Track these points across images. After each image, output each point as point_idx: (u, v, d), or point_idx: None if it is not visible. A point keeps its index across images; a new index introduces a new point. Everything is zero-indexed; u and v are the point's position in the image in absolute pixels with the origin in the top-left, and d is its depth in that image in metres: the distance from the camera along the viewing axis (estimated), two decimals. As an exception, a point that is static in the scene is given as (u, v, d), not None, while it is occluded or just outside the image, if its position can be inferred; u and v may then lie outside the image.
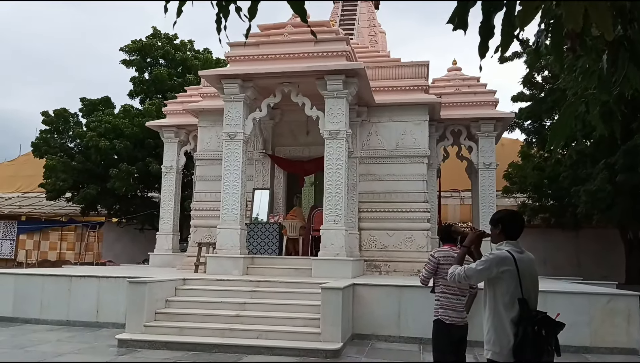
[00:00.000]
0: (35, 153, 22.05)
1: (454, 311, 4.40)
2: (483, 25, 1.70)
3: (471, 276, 3.42)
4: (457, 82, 14.26)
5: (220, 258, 10.48)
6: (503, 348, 3.22)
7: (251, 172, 12.55)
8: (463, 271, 3.45)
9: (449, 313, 4.39)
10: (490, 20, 1.68)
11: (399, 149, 12.11)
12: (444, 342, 4.41)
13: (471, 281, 3.57)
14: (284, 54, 11.05)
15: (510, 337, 3.19)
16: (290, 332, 7.80)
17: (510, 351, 3.18)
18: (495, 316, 3.29)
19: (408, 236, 11.64)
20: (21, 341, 8.13)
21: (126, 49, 22.61)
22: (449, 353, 4.40)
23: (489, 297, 3.38)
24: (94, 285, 9.74)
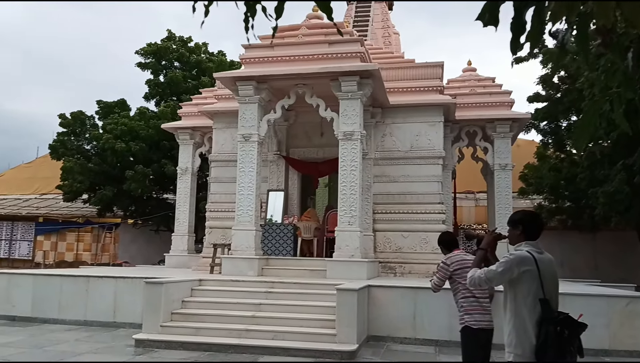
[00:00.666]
0: (53, 155, 22.36)
1: (480, 314, 4.29)
2: (515, 21, 1.69)
3: (492, 279, 3.37)
4: (472, 83, 14.18)
5: (235, 259, 10.52)
6: (525, 350, 3.18)
7: (266, 173, 12.59)
8: (484, 274, 3.39)
9: (475, 317, 4.27)
10: (521, 17, 1.67)
11: (414, 150, 12.07)
12: (475, 349, 4.29)
13: (493, 284, 3.50)
14: (298, 56, 11.08)
15: (532, 338, 3.15)
16: (305, 333, 7.81)
17: (532, 352, 3.14)
18: (517, 318, 3.25)
19: (423, 238, 11.60)
20: (40, 341, 8.23)
21: (142, 52, 22.85)
22: (481, 360, 4.29)
23: (509, 299, 3.33)
24: (111, 286, 9.84)
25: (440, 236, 4.90)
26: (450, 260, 4.51)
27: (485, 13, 1.72)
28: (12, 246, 24.05)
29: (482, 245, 3.74)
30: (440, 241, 4.83)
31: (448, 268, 4.46)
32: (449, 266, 4.46)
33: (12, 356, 7.08)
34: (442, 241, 4.81)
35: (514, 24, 1.70)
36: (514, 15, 1.71)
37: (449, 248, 4.71)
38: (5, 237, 24.20)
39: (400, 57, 13.78)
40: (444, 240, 4.82)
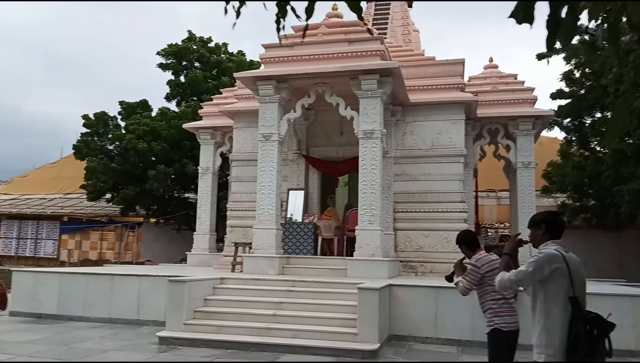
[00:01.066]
0: (77, 155, 22.77)
1: (510, 315, 4.21)
2: (550, 19, 1.68)
3: (523, 279, 3.33)
4: (494, 80, 14.00)
5: (256, 258, 10.58)
6: (556, 350, 3.14)
7: (286, 172, 12.62)
8: (514, 275, 3.36)
9: (505, 320, 4.19)
10: (557, 14, 1.66)
11: (435, 148, 11.98)
12: (504, 351, 4.21)
13: (523, 285, 3.45)
14: (318, 55, 11.08)
15: (563, 337, 3.12)
16: (326, 332, 7.82)
17: (563, 352, 3.10)
18: (547, 318, 3.22)
19: (444, 237, 11.51)
20: (65, 338, 8.39)
21: (163, 52, 23.11)
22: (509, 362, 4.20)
23: (539, 299, 3.29)
24: (135, 284, 9.98)
25: (461, 235, 4.66)
26: (480, 262, 4.34)
27: (519, 11, 1.70)
28: (37, 245, 24.58)
29: (505, 250, 3.71)
30: (461, 241, 4.58)
31: (479, 271, 4.28)
32: (479, 268, 4.29)
33: (39, 353, 7.23)
34: (464, 241, 4.58)
35: (549, 22, 1.69)
36: (549, 13, 1.70)
37: (471, 248, 4.53)
38: (30, 236, 24.74)
39: (421, 55, 13.68)
40: (466, 239, 4.60)
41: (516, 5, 1.72)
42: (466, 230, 5.05)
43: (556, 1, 1.67)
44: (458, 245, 4.62)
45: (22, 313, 10.19)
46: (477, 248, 4.53)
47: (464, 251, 4.57)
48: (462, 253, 4.60)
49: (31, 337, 8.36)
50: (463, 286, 4.35)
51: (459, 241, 4.61)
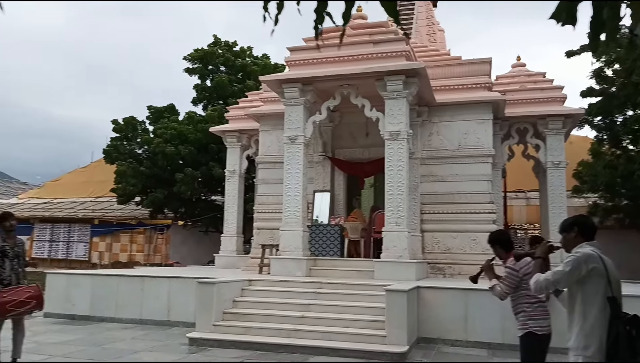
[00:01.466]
0: (107, 159, 23.24)
1: (544, 319, 4.16)
2: (594, 19, 1.66)
3: (560, 280, 3.28)
4: (522, 79, 13.79)
5: (283, 260, 10.62)
6: (595, 352, 3.08)
7: (312, 174, 12.65)
8: (550, 276, 3.31)
9: (540, 323, 4.13)
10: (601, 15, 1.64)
11: (462, 149, 11.85)
12: (537, 355, 4.15)
13: (560, 286, 3.39)
14: (343, 57, 11.08)
15: (602, 339, 3.06)
16: (354, 334, 7.80)
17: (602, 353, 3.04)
18: (586, 320, 3.16)
19: (473, 238, 11.36)
20: (98, 339, 8.56)
21: (189, 57, 23.44)
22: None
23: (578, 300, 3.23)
24: (165, 285, 10.14)
25: (495, 235, 4.55)
26: (518, 265, 4.22)
27: (561, 12, 1.68)
28: (69, 248, 25.14)
29: (538, 254, 3.67)
30: (496, 240, 4.45)
31: (518, 274, 4.16)
32: (518, 272, 4.17)
33: (73, 354, 7.40)
34: (499, 240, 4.45)
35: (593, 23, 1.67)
36: (592, 14, 1.68)
37: (506, 248, 4.41)
38: (63, 239, 25.33)
39: (447, 55, 13.56)
40: (502, 238, 4.48)
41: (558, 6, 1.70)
42: (500, 229, 4.99)
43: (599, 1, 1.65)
44: (491, 244, 4.50)
45: (55, 314, 10.43)
46: (511, 249, 4.42)
47: (496, 252, 4.46)
48: (495, 253, 4.50)
49: (65, 337, 8.56)
50: (502, 290, 4.24)
51: (493, 241, 4.49)
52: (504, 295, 4.25)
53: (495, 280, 4.34)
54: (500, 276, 4.38)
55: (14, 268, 6.21)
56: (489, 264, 4.41)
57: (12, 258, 6.19)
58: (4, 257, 6.15)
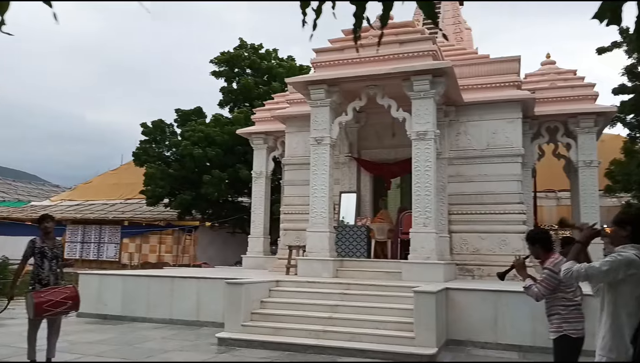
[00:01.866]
0: (136, 161, 23.69)
1: (580, 322, 4.08)
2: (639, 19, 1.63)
3: (593, 276, 3.20)
4: (551, 77, 13.53)
5: (310, 261, 10.64)
6: (620, 355, 3.02)
7: (338, 175, 12.63)
8: (584, 269, 3.23)
9: (575, 326, 4.05)
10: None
11: (490, 148, 11.68)
12: (572, 358, 4.07)
13: (591, 282, 3.32)
14: (369, 57, 11.04)
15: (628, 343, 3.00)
16: (382, 335, 7.76)
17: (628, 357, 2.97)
18: (615, 322, 3.09)
19: (502, 239, 11.20)
20: (129, 338, 8.71)
21: (216, 60, 23.72)
22: None
23: (607, 301, 3.17)
24: (194, 286, 10.26)
25: (536, 233, 4.42)
26: (557, 267, 4.06)
27: (605, 11, 1.65)
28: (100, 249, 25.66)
29: (579, 238, 3.55)
30: (536, 239, 4.31)
31: (557, 276, 4.00)
32: (557, 274, 4.01)
33: (105, 353, 7.54)
34: (539, 239, 4.30)
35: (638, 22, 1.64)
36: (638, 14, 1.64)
37: (546, 248, 4.27)
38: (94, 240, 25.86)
39: (474, 53, 13.40)
40: (543, 237, 4.32)
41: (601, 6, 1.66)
42: (540, 228, 4.86)
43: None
44: (531, 243, 4.35)
45: (88, 314, 10.63)
46: (551, 250, 4.30)
47: (535, 251, 4.33)
48: (532, 252, 4.37)
49: (97, 337, 8.74)
50: (539, 292, 4.13)
51: (534, 240, 4.34)
52: (541, 297, 4.15)
53: (530, 280, 4.24)
54: (530, 275, 4.30)
55: (52, 268, 6.37)
56: (523, 262, 4.31)
57: (50, 259, 6.35)
58: (43, 258, 6.32)
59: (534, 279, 4.29)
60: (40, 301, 5.99)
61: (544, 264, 4.25)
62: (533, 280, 4.26)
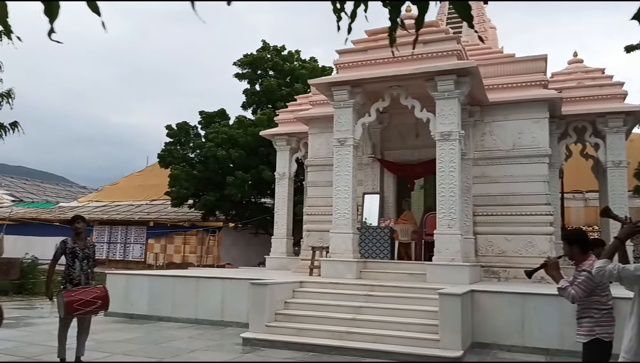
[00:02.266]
0: (161, 163, 24.00)
1: (611, 326, 4.00)
2: None
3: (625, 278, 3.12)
4: (579, 75, 13.30)
5: (333, 262, 10.64)
6: None
7: (361, 177, 12.61)
8: (616, 270, 3.15)
9: (607, 330, 3.98)
10: None
11: (516, 149, 11.52)
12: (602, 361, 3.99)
13: (623, 284, 3.24)
14: (392, 58, 10.97)
15: None
16: (407, 338, 7.72)
17: None
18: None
19: (529, 241, 11.03)
20: (156, 337, 8.83)
21: (239, 63, 23.89)
22: None
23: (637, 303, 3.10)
24: (219, 286, 10.35)
25: (573, 234, 4.31)
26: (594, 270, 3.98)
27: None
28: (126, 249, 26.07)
29: (619, 235, 3.46)
30: (575, 240, 4.19)
31: (594, 279, 3.89)
32: (594, 277, 3.86)
33: (132, 351, 7.66)
34: (578, 240, 4.19)
35: None
36: None
37: (584, 249, 4.16)
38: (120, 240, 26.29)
39: (499, 52, 13.24)
40: (580, 238, 4.20)
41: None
42: (578, 229, 4.75)
43: None
44: (569, 243, 4.22)
45: (115, 313, 10.77)
46: (588, 251, 4.19)
47: (572, 252, 4.21)
48: (567, 253, 4.26)
49: (124, 336, 8.89)
50: (576, 294, 4.02)
51: (572, 240, 4.22)
52: (577, 299, 4.04)
53: (565, 281, 4.13)
54: None
55: (84, 268, 6.50)
56: (557, 262, 4.21)
57: (81, 259, 6.49)
58: (74, 258, 6.45)
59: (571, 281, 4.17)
60: (70, 300, 6.12)
61: (578, 266, 4.15)
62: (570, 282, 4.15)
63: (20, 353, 7.31)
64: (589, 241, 4.29)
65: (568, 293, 4.06)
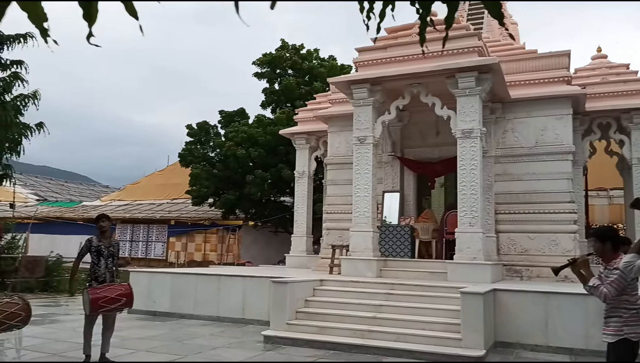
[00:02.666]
0: (182, 162, 24.23)
1: (639, 326, 3.92)
2: None
3: None
4: (603, 71, 13.06)
5: (354, 260, 10.63)
6: None
7: (380, 175, 12.56)
8: None
9: (635, 330, 3.90)
10: None
11: (539, 146, 11.36)
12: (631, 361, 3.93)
13: None
14: (412, 55, 10.94)
15: None
16: (429, 337, 7.67)
17: None
18: None
19: (552, 240, 10.87)
20: (178, 335, 8.93)
21: (258, 62, 23.98)
22: None
23: None
24: (240, 284, 10.43)
25: (606, 231, 4.22)
26: None
27: None
28: (148, 247, 26.41)
29: None
30: (606, 237, 4.10)
31: (627, 277, 3.84)
32: (627, 275, 3.84)
33: (156, 348, 7.76)
34: (610, 237, 4.10)
35: None
36: None
37: (616, 247, 4.08)
38: (142, 239, 26.64)
39: (521, 48, 13.05)
40: (613, 235, 4.12)
41: None
42: (609, 226, 4.64)
43: None
44: (601, 241, 4.13)
45: (138, 310, 10.90)
46: (618, 249, 4.11)
47: (603, 249, 4.12)
48: (597, 250, 4.17)
49: (147, 333, 9.00)
50: (608, 293, 3.94)
51: (605, 237, 4.13)
52: (610, 298, 3.96)
53: (596, 279, 4.05)
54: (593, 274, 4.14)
55: (108, 266, 6.61)
56: (587, 260, 4.14)
57: (106, 257, 6.60)
58: (99, 256, 6.56)
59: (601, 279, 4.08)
60: (96, 297, 6.22)
61: (608, 264, 4.07)
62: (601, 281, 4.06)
63: (47, 349, 7.46)
64: (619, 238, 4.23)
65: (600, 291, 3.98)
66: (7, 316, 5.45)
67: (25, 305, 5.72)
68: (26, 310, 5.68)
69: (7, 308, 5.48)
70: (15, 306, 5.58)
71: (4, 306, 5.49)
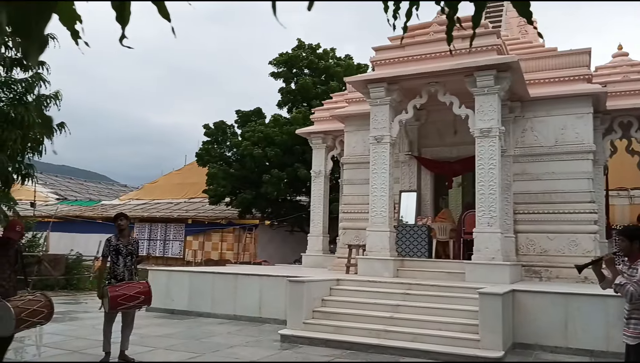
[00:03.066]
0: (199, 162, 24.40)
1: None
2: None
3: None
4: (624, 69, 12.85)
5: (370, 260, 10.61)
6: None
7: (397, 174, 12.51)
8: None
9: None
10: None
11: (559, 145, 11.21)
12: None
13: None
14: (429, 54, 10.88)
15: None
16: (446, 337, 7.62)
17: None
18: None
19: (572, 240, 10.72)
20: (195, 333, 9.00)
21: (274, 62, 24.04)
22: None
23: None
24: (257, 283, 10.48)
25: (634, 230, 4.20)
26: None
27: None
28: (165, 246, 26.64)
29: None
30: (635, 235, 4.07)
31: None
32: None
33: (174, 346, 7.84)
34: (637, 236, 4.06)
35: None
36: None
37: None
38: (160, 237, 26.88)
39: (540, 46, 12.89)
40: (634, 235, 4.07)
41: None
42: (637, 225, 4.60)
43: None
44: (629, 239, 4.10)
45: (157, 308, 11.04)
46: None
47: (630, 248, 4.08)
48: (624, 249, 4.13)
49: (166, 331, 9.09)
50: (635, 292, 3.89)
51: (633, 237, 4.09)
52: (636, 297, 3.90)
53: (622, 278, 3.98)
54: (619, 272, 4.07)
55: (127, 264, 6.69)
56: (613, 258, 4.08)
57: (125, 256, 6.68)
58: (118, 254, 6.65)
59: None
60: (115, 295, 6.30)
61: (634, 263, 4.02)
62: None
63: (67, 346, 7.57)
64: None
65: (627, 290, 3.92)
66: (30, 314, 5.53)
67: (48, 302, 5.81)
68: (48, 307, 5.77)
69: (29, 306, 5.57)
70: (37, 304, 5.67)
71: (27, 303, 5.58)
